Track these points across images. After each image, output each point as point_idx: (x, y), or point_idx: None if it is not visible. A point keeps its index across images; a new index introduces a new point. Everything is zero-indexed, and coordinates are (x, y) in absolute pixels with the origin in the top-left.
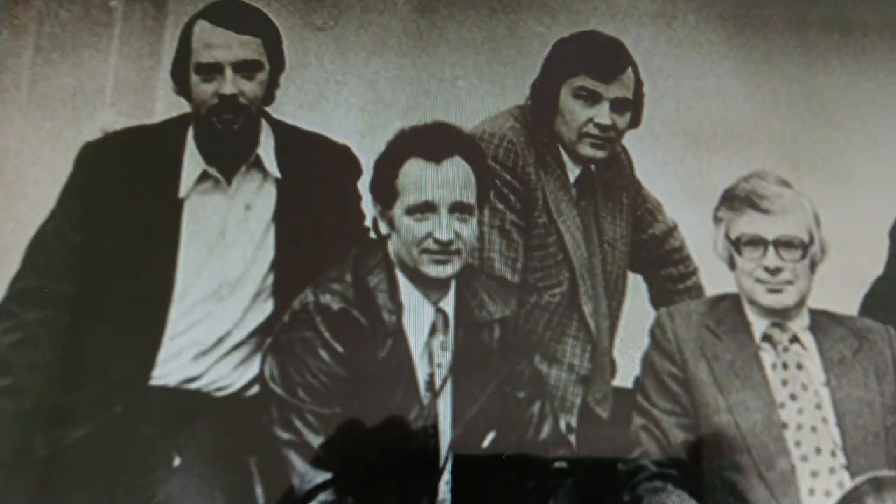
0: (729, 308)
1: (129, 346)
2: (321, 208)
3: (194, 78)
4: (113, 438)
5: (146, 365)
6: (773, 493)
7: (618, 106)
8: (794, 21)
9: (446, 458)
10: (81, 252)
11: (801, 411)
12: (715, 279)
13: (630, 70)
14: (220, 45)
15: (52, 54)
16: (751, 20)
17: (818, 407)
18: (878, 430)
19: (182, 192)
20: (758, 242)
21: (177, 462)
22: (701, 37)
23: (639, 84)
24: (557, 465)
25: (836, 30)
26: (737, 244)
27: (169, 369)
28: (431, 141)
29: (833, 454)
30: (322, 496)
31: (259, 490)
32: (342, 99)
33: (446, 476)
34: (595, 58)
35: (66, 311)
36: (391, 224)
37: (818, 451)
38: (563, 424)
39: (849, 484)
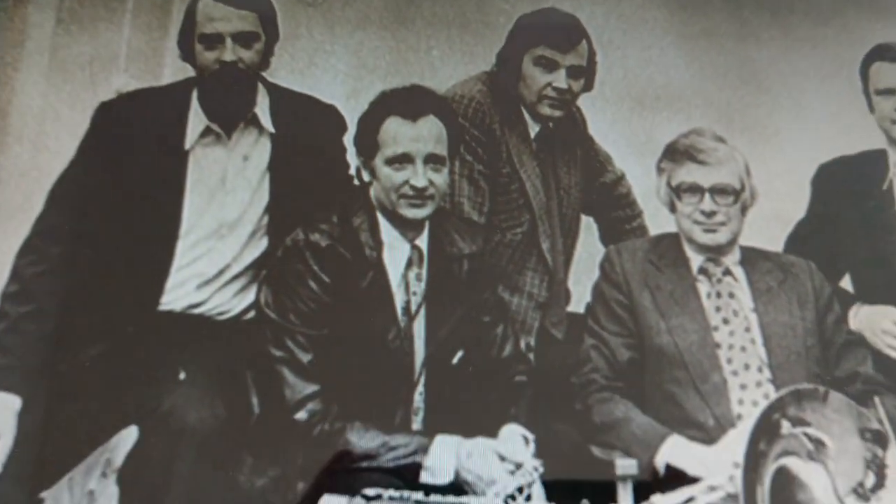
0: (669, 245)
1: (141, 276)
2: (310, 159)
3: (198, 47)
4: (125, 356)
5: (155, 292)
6: (707, 403)
7: (573, 72)
8: (730, 1)
9: (420, 373)
10: (97, 196)
11: (732, 333)
12: (657, 221)
13: (584, 42)
14: (222, 18)
15: (72, 26)
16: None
17: (747, 330)
18: (799, 349)
19: (187, 145)
20: (695, 189)
21: (182, 376)
22: (647, 14)
23: (592, 54)
24: (518, 378)
25: (766, 9)
26: (677, 191)
27: (175, 296)
28: (409, 102)
29: (760, 370)
30: (310, 405)
31: (254, 400)
32: (329, 66)
33: (420, 388)
34: (554, 31)
35: (83, 246)
36: (372, 173)
37: (747, 367)
38: (523, 344)
39: (773, 395)
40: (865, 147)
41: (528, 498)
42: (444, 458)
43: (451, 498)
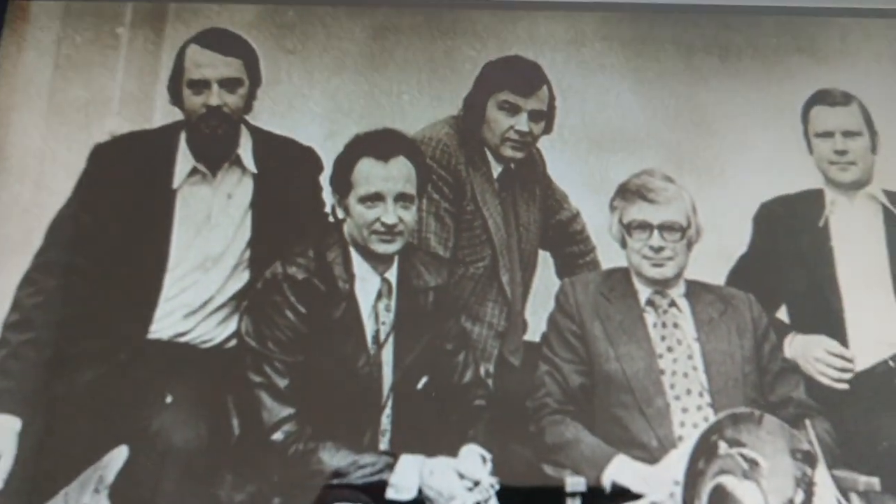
0: (620, 278)
1: (131, 306)
2: (289, 197)
3: (186, 91)
4: (117, 381)
5: (145, 322)
6: (651, 425)
7: (534, 116)
8: (681, 48)
9: (387, 397)
10: (92, 232)
11: (675, 360)
12: (609, 256)
13: (545, 87)
14: (208, 64)
15: (69, 72)
16: (646, 47)
17: (690, 357)
18: (737, 376)
19: (175, 184)
20: (645, 226)
21: (168, 399)
22: (605, 61)
23: (552, 98)
24: (477, 402)
25: (715, 55)
26: (628, 227)
27: (163, 326)
28: (381, 144)
29: (700, 395)
30: (286, 427)
31: (235, 422)
32: (308, 109)
33: (387, 411)
34: (516, 77)
35: (78, 279)
36: (346, 210)
37: (688, 392)
38: (482, 370)
39: (712, 418)
40: (804, 186)
41: None
42: (409, 475)
43: None
